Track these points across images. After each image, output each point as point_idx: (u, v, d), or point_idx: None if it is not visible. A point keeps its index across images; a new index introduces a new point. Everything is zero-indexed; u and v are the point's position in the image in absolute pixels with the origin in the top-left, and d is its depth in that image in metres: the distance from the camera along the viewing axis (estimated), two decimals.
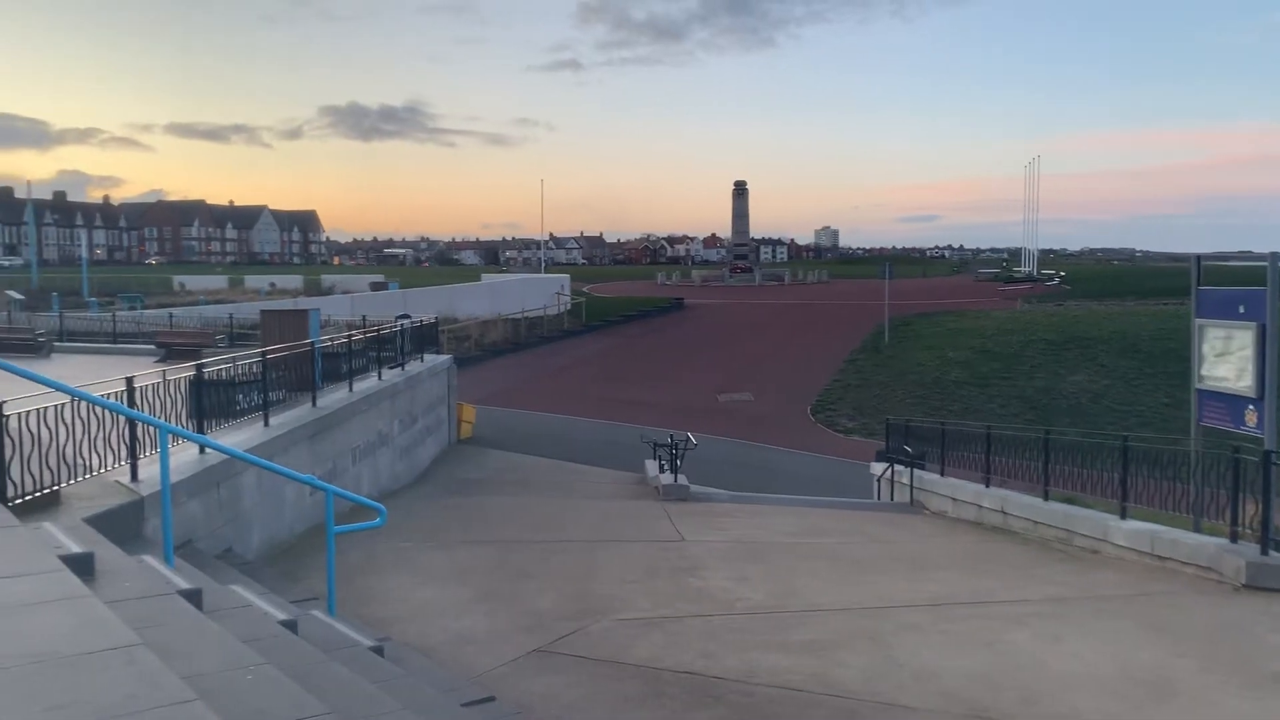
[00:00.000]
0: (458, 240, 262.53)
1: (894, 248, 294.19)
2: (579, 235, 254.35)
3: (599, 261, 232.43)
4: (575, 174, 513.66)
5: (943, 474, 17.81)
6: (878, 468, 20.29)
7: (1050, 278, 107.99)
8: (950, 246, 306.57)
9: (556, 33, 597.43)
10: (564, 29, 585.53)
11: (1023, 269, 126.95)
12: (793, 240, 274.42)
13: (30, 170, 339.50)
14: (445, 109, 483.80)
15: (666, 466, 18.46)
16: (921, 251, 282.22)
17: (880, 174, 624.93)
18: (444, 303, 50.70)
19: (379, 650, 7.04)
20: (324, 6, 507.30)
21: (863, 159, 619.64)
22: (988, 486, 16.18)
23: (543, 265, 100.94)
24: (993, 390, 35.78)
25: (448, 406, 23.67)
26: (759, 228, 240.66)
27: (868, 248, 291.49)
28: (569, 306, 59.83)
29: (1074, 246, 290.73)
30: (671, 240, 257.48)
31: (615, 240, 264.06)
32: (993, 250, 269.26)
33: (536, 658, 8.22)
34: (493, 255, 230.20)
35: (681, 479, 17.98)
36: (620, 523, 15.58)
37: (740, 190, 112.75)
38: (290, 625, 6.53)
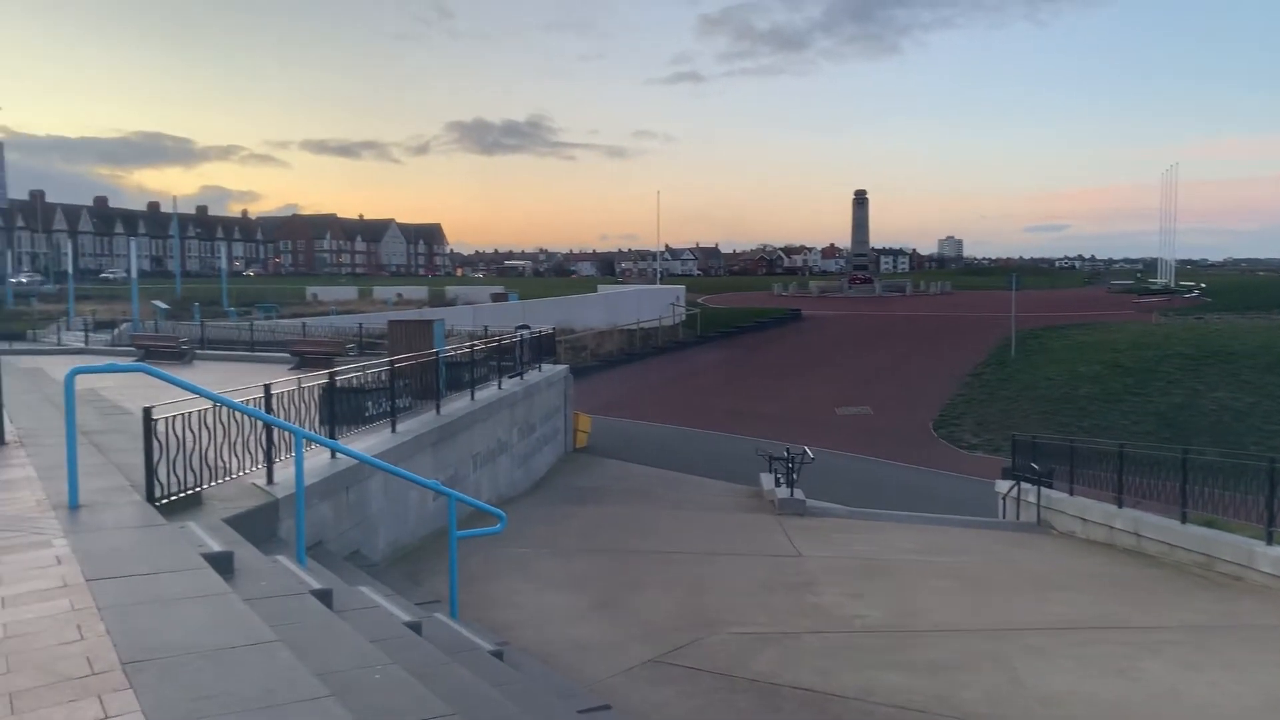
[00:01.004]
0: (575, 252, 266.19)
1: (1021, 258, 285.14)
2: (694, 246, 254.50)
3: (714, 272, 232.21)
4: (692, 185, 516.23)
5: (1071, 493, 17.14)
6: (1003, 485, 19.67)
7: (1189, 289, 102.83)
8: (1080, 257, 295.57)
9: (677, 45, 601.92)
10: (685, 41, 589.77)
11: (1159, 280, 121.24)
12: (914, 250, 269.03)
13: (176, 186, 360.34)
14: (566, 123, 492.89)
15: (782, 480, 18.29)
16: (1050, 262, 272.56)
17: (1007, 182, 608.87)
18: (561, 314, 51.45)
19: (499, 654, 7.18)
20: (451, 25, 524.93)
21: (989, 167, 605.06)
22: (1120, 507, 15.51)
23: (658, 276, 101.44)
24: (1125, 406, 34.25)
25: (564, 416, 24.00)
26: (879, 238, 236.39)
27: (993, 258, 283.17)
28: (684, 317, 59.94)
29: (1215, 256, 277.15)
30: (788, 251, 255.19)
31: (731, 251, 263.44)
32: (1126, 261, 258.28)
33: (651, 668, 8.26)
34: (609, 267, 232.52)
35: (798, 493, 17.79)
36: (735, 535, 15.52)
37: (860, 199, 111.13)
38: (414, 627, 6.72)
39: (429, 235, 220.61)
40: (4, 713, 3.69)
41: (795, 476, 18.17)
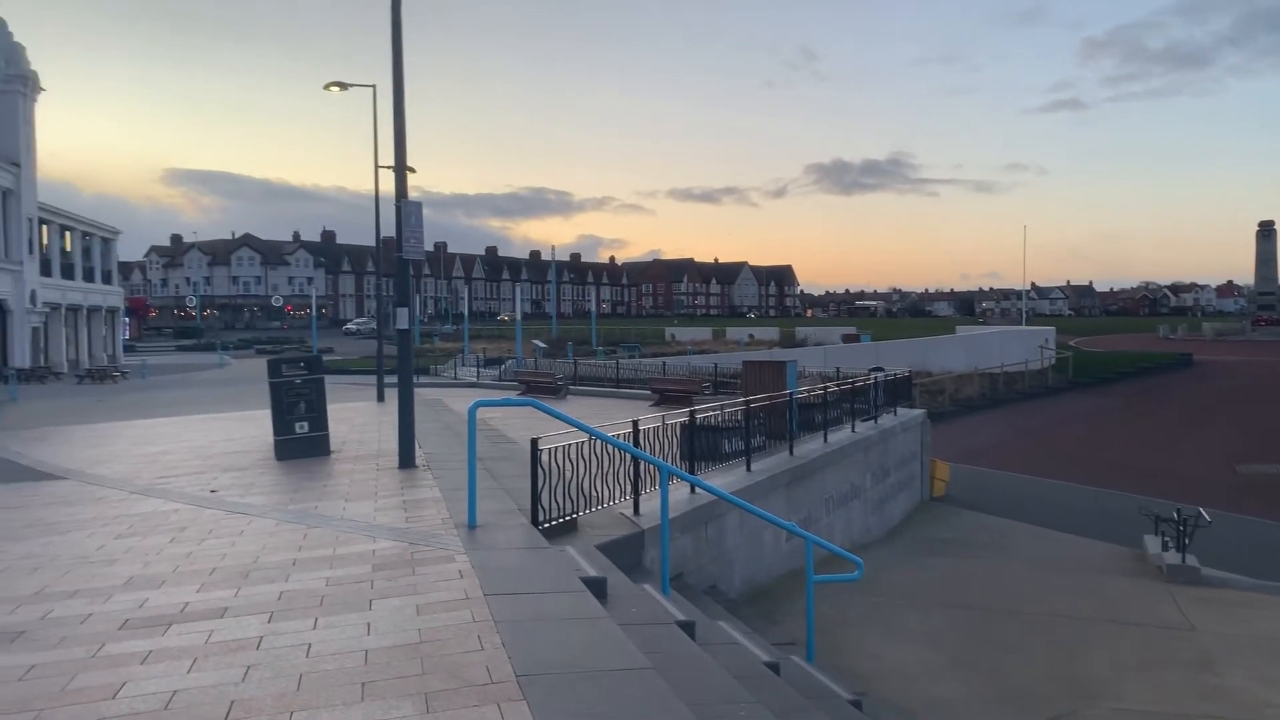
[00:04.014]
0: (930, 291, 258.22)
1: None
2: (1064, 285, 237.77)
3: (1088, 312, 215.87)
4: (1065, 219, 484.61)
5: None
6: None
7: None
8: None
9: (1056, 72, 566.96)
10: (1065, 67, 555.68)
11: None
12: None
13: (556, 235, 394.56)
14: (929, 159, 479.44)
15: (1171, 543, 16.39)
16: None
17: None
18: (916, 355, 49.91)
19: (857, 704, 7.03)
20: (818, 68, 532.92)
21: None
22: None
23: (1023, 317, 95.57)
24: None
25: (920, 462, 23.17)
26: None
27: None
28: (1054, 361, 55.89)
29: None
30: (1175, 289, 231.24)
31: (1107, 289, 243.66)
32: None
33: None
34: (968, 306, 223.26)
35: (1191, 559, 15.86)
36: (1114, 601, 14.12)
37: (1267, 231, 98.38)
38: (773, 667, 6.75)
39: (780, 276, 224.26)
40: (421, 709, 4.16)
41: (1187, 541, 16.22)
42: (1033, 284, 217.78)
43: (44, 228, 49.00)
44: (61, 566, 7.34)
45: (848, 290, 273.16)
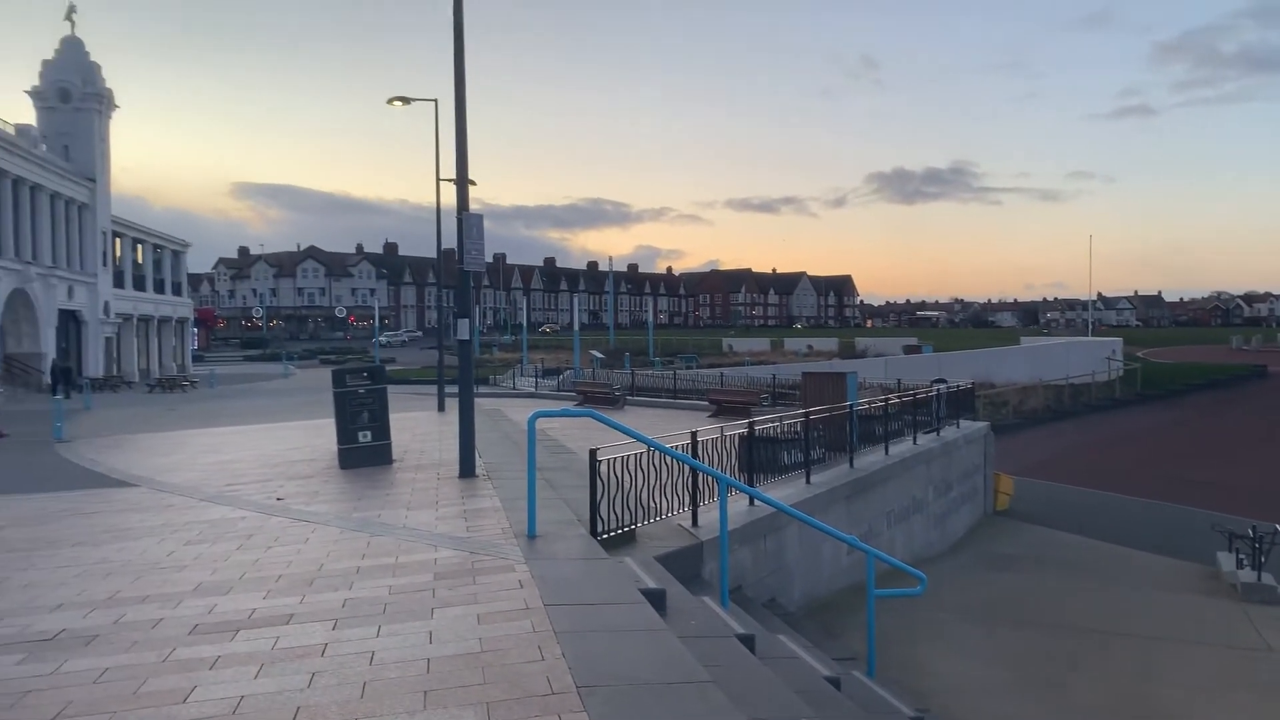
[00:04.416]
0: (994, 301, 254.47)
1: None
2: (1132, 295, 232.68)
3: (1156, 323, 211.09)
4: (1133, 228, 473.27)
5: None
6: None
7: None
8: None
9: (1124, 78, 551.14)
10: (1133, 73, 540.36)
11: None
12: None
13: (614, 246, 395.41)
14: (992, 167, 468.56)
15: (1246, 561, 15.90)
16: None
17: None
18: (979, 367, 49.13)
19: None
20: (879, 76, 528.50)
21: None
22: None
23: (1089, 327, 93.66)
24: None
25: (984, 475, 22.77)
26: None
27: None
28: (1121, 373, 54.66)
29: None
30: (1249, 298, 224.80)
31: (1176, 299, 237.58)
32: None
33: None
34: (1032, 317, 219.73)
35: (1267, 577, 15.35)
36: (1186, 621, 13.72)
37: None
38: (834, 682, 6.67)
39: (839, 287, 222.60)
40: (482, 719, 4.18)
41: (1264, 558, 15.71)
42: (1099, 294, 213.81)
43: (117, 241, 50.54)
44: (133, 572, 7.54)
45: (908, 300, 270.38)
